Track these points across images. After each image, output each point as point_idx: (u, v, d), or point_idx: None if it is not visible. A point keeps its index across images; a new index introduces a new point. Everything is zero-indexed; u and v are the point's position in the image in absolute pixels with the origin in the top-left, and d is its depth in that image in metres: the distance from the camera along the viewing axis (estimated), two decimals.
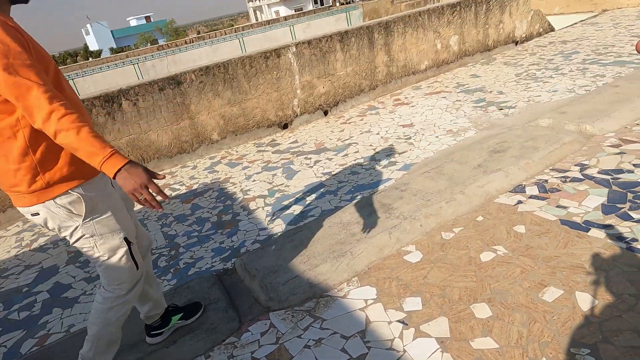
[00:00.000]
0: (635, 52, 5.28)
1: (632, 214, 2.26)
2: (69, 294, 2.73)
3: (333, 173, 3.73)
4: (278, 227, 3.03)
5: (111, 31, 61.93)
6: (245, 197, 3.63)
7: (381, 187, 3.26)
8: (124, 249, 1.63)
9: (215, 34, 16.63)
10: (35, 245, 3.55)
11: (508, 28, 7.12)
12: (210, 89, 4.87)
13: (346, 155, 4.08)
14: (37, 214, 1.48)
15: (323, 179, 3.65)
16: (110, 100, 4.41)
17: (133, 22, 69.36)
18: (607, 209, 2.35)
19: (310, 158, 4.20)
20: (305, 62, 5.35)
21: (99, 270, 1.65)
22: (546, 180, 2.78)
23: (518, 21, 7.20)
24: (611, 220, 2.25)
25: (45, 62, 1.41)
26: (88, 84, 9.05)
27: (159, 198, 2.04)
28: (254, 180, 3.94)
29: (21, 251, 3.50)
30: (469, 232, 2.42)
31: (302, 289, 2.20)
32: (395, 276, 2.20)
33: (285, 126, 5.43)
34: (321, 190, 3.46)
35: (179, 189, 4.13)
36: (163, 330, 2.02)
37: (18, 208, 1.51)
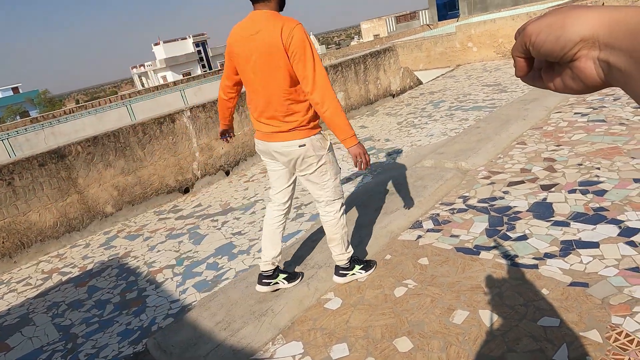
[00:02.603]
0: (488, 99, 6.30)
1: (510, 234, 2.63)
2: None
3: (243, 232, 3.69)
4: (191, 296, 2.87)
5: None
6: (151, 269, 3.39)
7: (292, 239, 3.31)
8: (339, 175, 2.35)
9: (99, 102, 15.78)
10: None
11: (384, 83, 8.00)
12: (100, 159, 4.58)
13: (254, 212, 4.09)
14: (304, 145, 2.15)
15: (233, 239, 3.59)
16: None
17: None
18: (490, 233, 2.69)
19: (217, 220, 4.12)
20: (201, 125, 5.35)
21: (328, 189, 2.28)
22: (438, 214, 3.10)
23: (392, 77, 8.15)
24: (494, 242, 2.58)
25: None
26: None
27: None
28: (159, 251, 3.72)
29: None
30: (381, 271, 2.57)
31: (226, 358, 2.09)
32: (319, 326, 2.21)
33: (186, 190, 5.27)
34: (232, 250, 3.39)
35: (70, 272, 3.70)
36: (271, 282, 2.47)
37: (287, 142, 2.15)
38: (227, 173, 5.65)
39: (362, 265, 2.54)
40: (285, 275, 2.52)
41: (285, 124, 2.12)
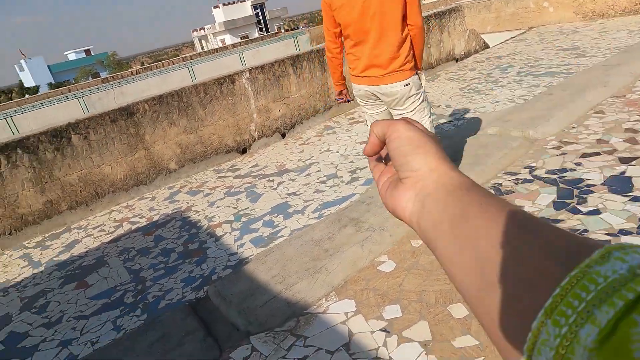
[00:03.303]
0: (563, 64, 5.80)
1: (580, 207, 2.46)
2: (27, 342, 2.53)
3: (298, 193, 3.75)
4: (248, 250, 2.99)
5: (48, 66, 59.31)
6: (211, 223, 3.57)
7: (347, 202, 3.32)
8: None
9: (162, 64, 16.39)
10: None
11: (448, 47, 7.58)
12: (165, 117, 4.79)
13: (309, 174, 4.13)
14: (408, 84, 2.38)
15: (288, 199, 3.67)
16: (59, 135, 4.22)
17: (72, 56, 66.84)
18: (557, 205, 2.54)
19: (272, 180, 4.21)
20: (259, 87, 5.40)
21: (426, 124, 2.47)
22: (501, 184, 2.96)
23: (456, 40, 7.70)
24: (562, 215, 2.43)
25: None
26: (28, 120, 8.57)
27: None
28: (218, 207, 3.88)
29: None
30: None
31: (281, 310, 2.18)
32: (372, 287, 2.23)
33: (244, 151, 5.41)
34: (288, 210, 3.46)
35: (138, 222, 3.98)
36: None
37: (394, 83, 2.39)
38: (283, 135, 5.71)
39: None
40: None
41: (392, 66, 2.37)
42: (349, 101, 2.83)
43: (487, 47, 8.33)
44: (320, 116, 6.04)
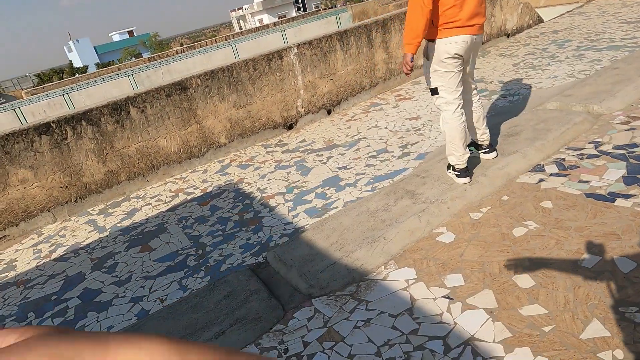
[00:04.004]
0: (628, 37, 5.44)
1: None
2: (101, 298, 2.73)
3: (348, 167, 3.77)
4: (303, 220, 3.06)
5: (94, 47, 61.50)
6: (264, 195, 3.66)
7: (400, 176, 3.31)
8: None
9: (200, 44, 16.63)
10: (55, 255, 3.54)
11: (499, 21, 7.27)
12: (215, 92, 4.90)
13: (358, 149, 4.13)
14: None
15: (339, 173, 3.70)
16: (118, 108, 4.41)
17: (116, 37, 68.97)
18: (628, 180, 2.43)
19: (321, 155, 4.25)
20: (307, 63, 5.41)
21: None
22: (564, 159, 2.86)
23: (509, 14, 7.36)
24: (635, 190, 2.33)
25: None
26: (83, 97, 9.00)
27: None
28: (269, 179, 3.97)
29: (41, 262, 3.48)
30: (497, 210, 2.49)
31: (341, 275, 2.24)
32: (432, 256, 2.25)
33: (290, 127, 5.47)
34: (339, 183, 3.50)
35: (193, 192, 4.14)
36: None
37: (483, 33, 2.61)
38: (329, 112, 5.72)
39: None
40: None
41: (483, 20, 2.57)
42: (410, 72, 2.78)
43: (542, 21, 7.91)
44: (365, 93, 5.99)
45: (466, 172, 2.78)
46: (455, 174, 2.79)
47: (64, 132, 4.20)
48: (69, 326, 2.50)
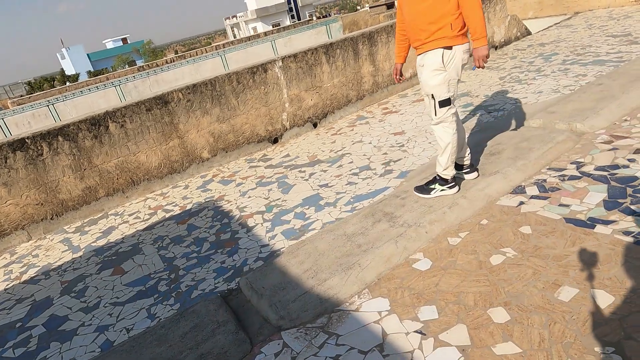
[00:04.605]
0: (613, 52, 5.44)
1: (634, 208, 2.29)
2: (67, 326, 2.61)
3: (330, 185, 3.70)
4: (280, 242, 2.97)
5: (87, 54, 61.32)
6: (242, 214, 3.57)
7: (380, 196, 3.24)
8: None
9: (196, 52, 16.58)
10: (25, 277, 3.42)
11: (487, 34, 7.26)
12: (198, 106, 4.82)
13: (341, 166, 4.06)
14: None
15: (320, 191, 3.62)
16: (97, 123, 4.31)
17: (109, 45, 68.81)
18: (608, 205, 2.37)
19: (304, 171, 4.17)
20: (292, 76, 5.35)
21: None
22: (545, 180, 2.80)
23: (496, 26, 7.37)
24: (615, 215, 2.27)
25: None
26: (69, 108, 8.88)
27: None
28: (249, 197, 3.88)
29: (11, 284, 3.36)
30: (475, 236, 2.41)
31: (313, 305, 2.15)
32: (407, 285, 2.16)
33: (275, 140, 5.39)
34: (319, 202, 3.42)
35: (172, 210, 4.04)
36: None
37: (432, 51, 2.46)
38: (315, 125, 5.65)
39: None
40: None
41: None
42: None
43: (529, 33, 7.93)
44: (352, 105, 5.93)
45: (454, 179, 2.75)
46: (448, 187, 2.73)
47: (39, 148, 4.10)
48: (30, 358, 2.39)
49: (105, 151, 4.40)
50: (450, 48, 2.45)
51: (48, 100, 8.58)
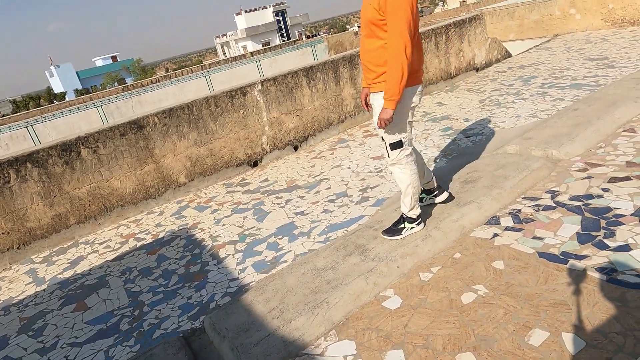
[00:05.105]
0: (590, 75, 5.51)
1: (608, 242, 2.23)
2: None
3: (305, 212, 3.61)
4: (249, 276, 2.86)
5: (76, 72, 61.15)
6: (215, 243, 3.46)
7: (354, 225, 3.16)
8: None
9: (184, 71, 16.57)
10: None
11: (468, 56, 7.35)
12: (175, 131, 4.73)
13: (318, 192, 3.98)
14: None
15: (295, 219, 3.53)
16: (68, 149, 4.20)
17: (99, 62, 68.78)
18: (582, 238, 2.32)
19: (281, 197, 4.08)
20: (272, 99, 5.31)
21: None
22: (520, 210, 2.75)
23: (477, 49, 7.45)
24: (588, 250, 2.21)
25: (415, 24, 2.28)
26: (49, 129, 8.72)
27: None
28: (224, 225, 3.78)
29: None
30: (448, 271, 2.34)
31: (277, 349, 2.04)
32: (375, 326, 2.07)
33: (255, 164, 5.31)
34: (294, 232, 3.32)
35: (144, 239, 3.91)
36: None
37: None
38: (296, 148, 5.59)
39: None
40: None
41: None
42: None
43: (510, 55, 8.04)
44: (334, 128, 5.90)
45: (420, 215, 2.67)
46: (416, 224, 2.65)
47: (6, 175, 3.96)
48: None
49: (77, 177, 4.28)
50: None
51: (27, 122, 8.43)
